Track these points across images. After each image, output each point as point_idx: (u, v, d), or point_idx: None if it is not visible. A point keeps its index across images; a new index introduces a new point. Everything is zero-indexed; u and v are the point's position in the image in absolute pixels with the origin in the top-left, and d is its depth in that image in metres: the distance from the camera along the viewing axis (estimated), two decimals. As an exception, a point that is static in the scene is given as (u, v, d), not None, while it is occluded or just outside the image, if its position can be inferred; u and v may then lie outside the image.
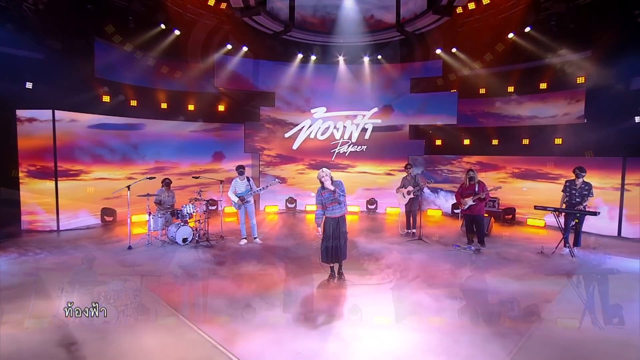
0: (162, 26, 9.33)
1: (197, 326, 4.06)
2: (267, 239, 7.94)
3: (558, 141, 9.50)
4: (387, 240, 8.01)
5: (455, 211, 10.47)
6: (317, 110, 11.93)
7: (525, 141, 10.18)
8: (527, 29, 9.19)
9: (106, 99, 9.30)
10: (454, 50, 10.64)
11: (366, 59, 11.40)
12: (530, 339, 3.88)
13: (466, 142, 11.39)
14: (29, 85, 8.01)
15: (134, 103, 9.90)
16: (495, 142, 10.84)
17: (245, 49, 10.83)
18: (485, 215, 7.83)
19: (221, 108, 11.55)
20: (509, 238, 8.25)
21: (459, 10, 9.43)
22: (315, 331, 4.04)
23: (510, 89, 10.44)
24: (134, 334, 3.95)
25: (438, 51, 10.77)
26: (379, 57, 11.36)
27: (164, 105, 10.56)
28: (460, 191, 7.55)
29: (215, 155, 11.83)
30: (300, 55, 11.36)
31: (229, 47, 10.66)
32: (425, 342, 3.83)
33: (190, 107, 11.05)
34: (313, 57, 11.45)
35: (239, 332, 3.95)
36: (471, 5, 9.24)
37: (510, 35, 9.51)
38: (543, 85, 9.87)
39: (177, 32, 9.61)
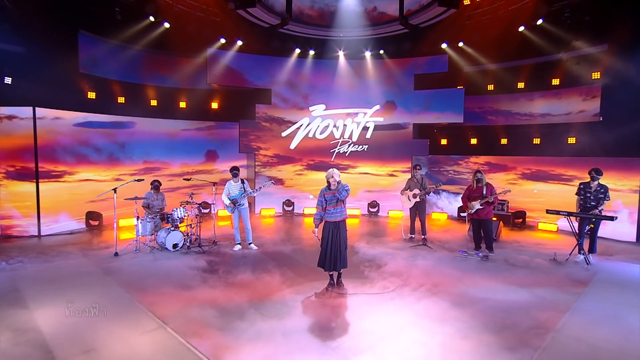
0: (151, 18, 9.26)
1: (185, 339, 3.99)
2: (262, 245, 7.87)
3: (571, 140, 9.44)
4: (389, 245, 7.96)
5: (462, 215, 10.43)
6: (316, 108, 11.87)
7: (537, 140, 10.13)
8: (539, 22, 9.12)
9: (91, 95, 9.25)
10: (460, 44, 10.60)
11: (368, 54, 11.34)
12: (543, 353, 3.80)
13: (473, 141, 11.34)
14: (8, 80, 7.95)
15: (121, 100, 9.85)
16: (504, 141, 10.79)
17: (239, 43, 10.80)
18: (493, 219, 7.76)
19: (214, 105, 11.53)
20: (519, 244, 8.17)
21: (466, 1, 9.37)
22: (313, 345, 3.97)
23: (521, 85, 10.42)
24: (118, 347, 3.87)
25: (444, 45, 10.72)
26: (381, 51, 11.29)
27: (153, 102, 10.55)
28: (467, 194, 7.48)
29: (208, 156, 11.81)
30: (297, 50, 11.30)
31: (223, 41, 10.61)
32: (428, 356, 3.77)
33: (182, 105, 11.03)
34: (311, 52, 11.40)
35: (231, 346, 3.87)
36: (479, -3, 9.21)
37: (521, 28, 9.46)
38: (555, 81, 9.84)
39: (166, 25, 9.56)
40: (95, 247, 7.58)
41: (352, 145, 11.95)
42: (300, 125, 11.89)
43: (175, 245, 7.27)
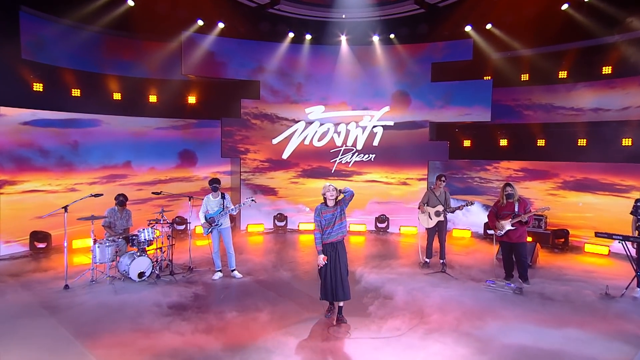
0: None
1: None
2: (249, 271, 7.74)
3: (627, 142, 9.21)
4: (400, 271, 7.82)
5: (489, 232, 10.20)
6: (313, 110, 11.69)
7: (582, 142, 9.92)
8: (587, -3, 9.00)
9: (37, 87, 9.06)
10: (488, 26, 10.52)
11: (375, 39, 11.25)
12: None
13: (503, 142, 11.18)
14: None
15: (76, 93, 9.69)
16: (541, 142, 10.60)
17: (221, 25, 10.71)
18: (528, 239, 7.52)
19: (192, 100, 11.40)
20: (561, 271, 7.96)
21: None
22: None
23: (562, 74, 10.25)
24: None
25: (468, 28, 10.67)
26: (392, 36, 11.20)
27: (117, 96, 10.39)
28: (494, 211, 7.23)
29: (185, 160, 11.69)
30: (291, 34, 11.23)
31: (201, 23, 10.51)
32: None
33: (152, 99, 10.90)
34: (308, 37, 11.33)
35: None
36: (511, -32, 9.08)
37: (564, 6, 9.35)
38: (607, 69, 9.64)
39: (130, 3, 9.42)
40: (40, 278, 7.28)
41: (356, 154, 11.76)
42: (295, 130, 11.72)
43: (141, 275, 7.04)
